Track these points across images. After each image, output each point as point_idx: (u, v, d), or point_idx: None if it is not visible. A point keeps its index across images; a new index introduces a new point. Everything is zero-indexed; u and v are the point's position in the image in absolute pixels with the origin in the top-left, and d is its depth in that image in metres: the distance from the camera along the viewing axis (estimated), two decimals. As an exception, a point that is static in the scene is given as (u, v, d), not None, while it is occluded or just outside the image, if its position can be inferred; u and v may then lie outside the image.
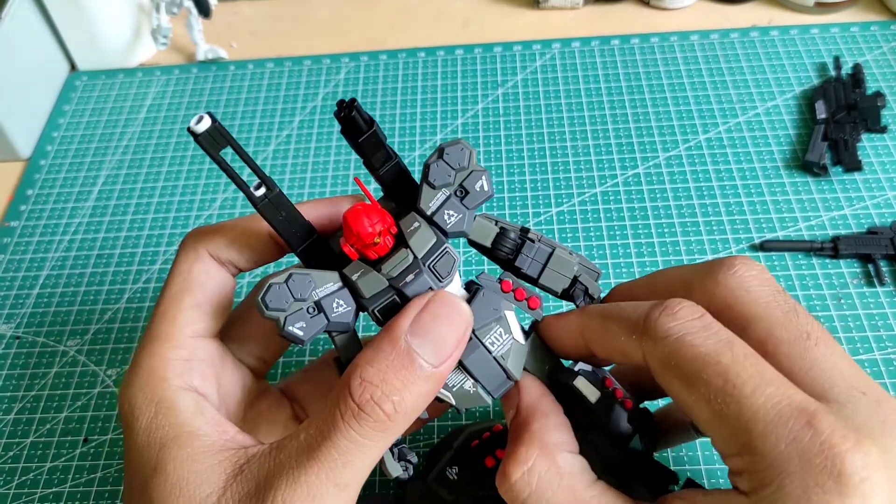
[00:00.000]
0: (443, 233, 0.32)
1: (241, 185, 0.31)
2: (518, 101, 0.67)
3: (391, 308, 0.31)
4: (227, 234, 0.36)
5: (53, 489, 0.48)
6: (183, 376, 0.33)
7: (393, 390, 0.30)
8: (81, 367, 0.53)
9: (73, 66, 0.75)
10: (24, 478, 0.49)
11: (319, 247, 0.33)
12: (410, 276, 0.31)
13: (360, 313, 0.32)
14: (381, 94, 0.69)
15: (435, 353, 0.31)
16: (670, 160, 0.61)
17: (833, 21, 0.70)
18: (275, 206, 0.31)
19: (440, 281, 0.32)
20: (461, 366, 0.33)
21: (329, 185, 0.62)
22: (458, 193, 0.32)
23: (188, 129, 0.30)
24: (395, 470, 0.34)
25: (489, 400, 0.33)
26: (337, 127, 0.66)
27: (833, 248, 0.54)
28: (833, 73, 0.65)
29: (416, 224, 0.32)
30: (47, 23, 0.71)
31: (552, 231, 0.58)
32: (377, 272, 0.31)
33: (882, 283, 0.53)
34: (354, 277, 0.31)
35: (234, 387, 0.37)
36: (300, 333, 0.30)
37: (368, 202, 0.32)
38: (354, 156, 0.64)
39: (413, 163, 0.63)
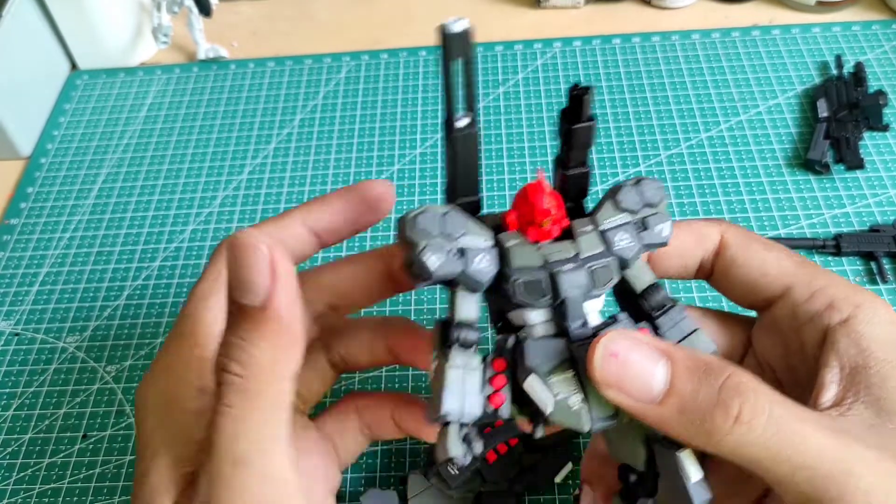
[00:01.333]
0: (607, 248, 0.31)
1: (451, 106, 0.29)
2: (519, 100, 0.67)
3: (535, 285, 0.30)
4: (275, 226, 0.34)
5: (52, 485, 0.48)
6: (202, 378, 0.32)
7: (235, 351, 0.28)
8: (80, 364, 0.53)
9: (73, 65, 0.75)
10: (22, 474, 0.48)
11: (475, 211, 0.32)
12: (569, 266, 0.30)
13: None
14: (383, 92, 0.69)
15: (241, 292, 0.28)
16: (672, 158, 0.61)
17: (834, 20, 0.70)
18: (466, 145, 0.30)
19: (594, 287, 0.30)
20: (579, 377, 0.30)
21: (330, 184, 0.62)
22: (638, 225, 0.32)
23: (442, 26, 0.28)
24: (455, 450, 0.30)
25: (587, 427, 0.29)
26: (337, 127, 0.66)
27: (835, 247, 0.54)
28: (835, 71, 0.65)
29: (589, 228, 0.31)
30: (48, 22, 0.71)
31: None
32: (532, 246, 0.30)
33: (885, 281, 0.53)
34: (509, 244, 0.30)
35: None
36: (432, 266, 0.29)
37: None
38: (355, 155, 0.64)
39: (414, 161, 0.63)
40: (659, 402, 0.28)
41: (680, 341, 0.32)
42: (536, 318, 0.31)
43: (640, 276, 0.32)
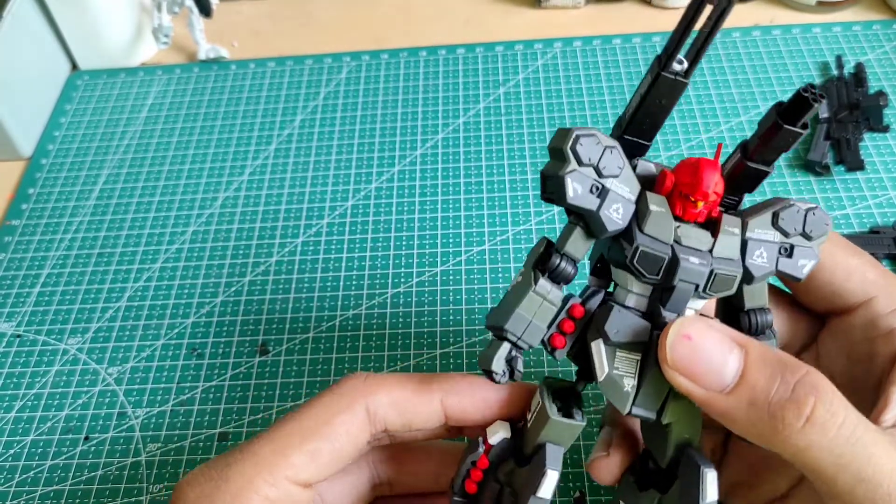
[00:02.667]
0: (743, 257, 0.30)
1: (675, 45, 0.28)
2: (520, 100, 0.67)
3: (654, 260, 0.29)
4: (396, 392, 0.33)
5: (54, 487, 0.48)
6: None
7: None
8: (82, 366, 0.53)
9: (74, 66, 0.75)
10: (24, 476, 0.48)
11: (638, 155, 0.31)
12: (696, 259, 0.29)
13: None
14: (383, 93, 0.69)
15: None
16: (672, 159, 0.61)
17: (835, 20, 0.70)
18: (670, 90, 0.29)
19: (707, 290, 0.29)
20: (643, 364, 0.30)
21: (330, 184, 0.62)
22: (783, 250, 0.30)
23: None
24: (498, 366, 0.31)
25: (626, 410, 0.30)
26: (338, 127, 0.66)
27: (835, 247, 0.54)
28: (835, 72, 0.65)
29: (735, 231, 0.30)
30: (49, 22, 0.71)
31: (554, 230, 0.58)
32: (672, 220, 0.29)
33: (884, 282, 0.53)
34: (652, 207, 0.29)
35: None
36: (569, 192, 0.28)
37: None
38: (356, 156, 0.64)
39: (414, 162, 0.63)
40: (728, 391, 0.28)
41: None
42: (636, 287, 0.30)
43: (754, 295, 0.31)
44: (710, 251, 0.29)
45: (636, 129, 0.30)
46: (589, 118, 0.65)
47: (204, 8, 0.72)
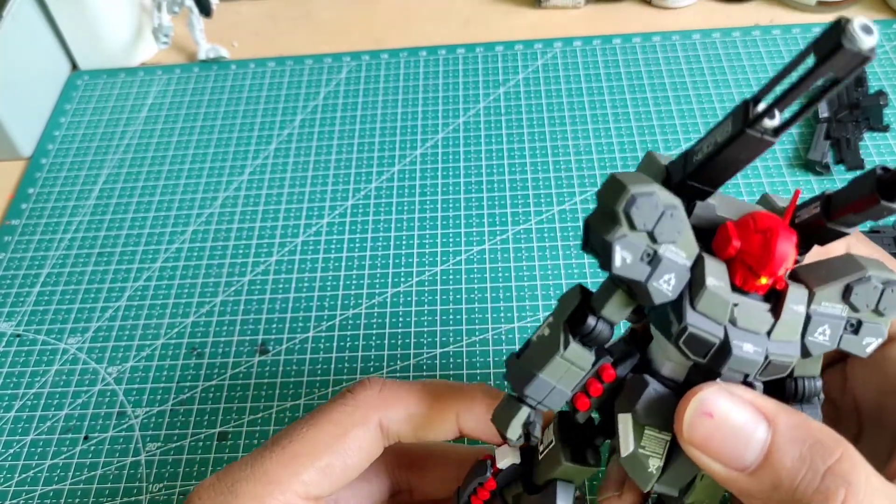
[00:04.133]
0: (803, 332, 0.26)
1: (773, 98, 0.24)
2: (520, 100, 0.67)
3: (702, 344, 0.25)
4: (411, 404, 0.33)
5: (54, 486, 0.48)
6: None
7: None
8: (82, 365, 0.53)
9: (74, 66, 0.75)
10: (24, 475, 0.48)
11: (689, 207, 0.26)
12: (750, 346, 0.25)
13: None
14: (383, 93, 0.69)
15: None
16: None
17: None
18: (751, 146, 0.24)
19: (757, 375, 0.26)
20: (672, 444, 0.27)
21: (330, 184, 0.62)
22: (849, 326, 0.26)
23: (843, 26, 0.22)
24: (514, 432, 0.29)
25: (646, 489, 0.28)
26: (338, 127, 0.66)
27: (836, 247, 0.54)
28: (835, 71, 0.65)
29: (800, 309, 0.26)
30: (49, 22, 0.71)
31: (554, 230, 0.57)
32: (729, 297, 0.25)
33: (885, 282, 0.52)
34: (709, 281, 0.25)
35: None
36: (616, 262, 0.24)
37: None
38: (356, 155, 0.64)
39: (415, 162, 0.63)
40: (751, 472, 0.25)
41: None
42: (676, 357, 0.27)
43: (806, 366, 0.28)
44: (769, 332, 0.25)
45: (703, 177, 0.26)
46: (589, 118, 0.65)
47: (204, 8, 0.72)
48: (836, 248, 0.29)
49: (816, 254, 0.27)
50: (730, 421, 0.25)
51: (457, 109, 0.67)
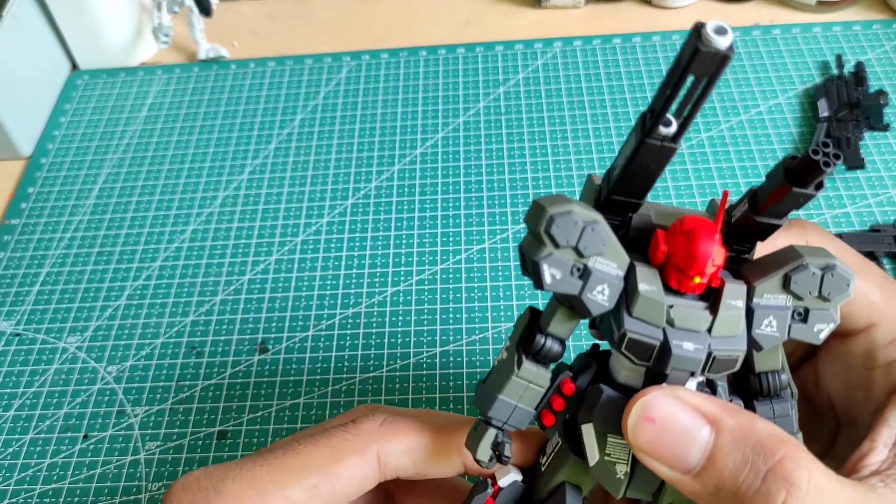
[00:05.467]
0: (748, 325, 0.27)
1: (661, 106, 0.24)
2: (520, 100, 0.67)
3: (643, 348, 0.26)
4: (412, 440, 0.32)
5: (53, 485, 0.48)
6: None
7: None
8: (81, 364, 0.53)
9: (74, 65, 0.75)
10: (23, 474, 0.48)
11: (629, 212, 0.28)
12: (690, 345, 0.26)
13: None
14: (383, 92, 0.69)
15: None
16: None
17: (835, 20, 0.70)
18: (656, 156, 0.25)
19: (706, 373, 0.26)
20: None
21: (330, 183, 0.62)
22: (796, 314, 0.27)
23: (700, 30, 0.22)
24: (483, 454, 0.29)
25: (618, 495, 0.28)
26: (338, 127, 0.66)
27: (836, 246, 0.54)
28: (835, 71, 0.65)
29: (739, 304, 0.26)
30: (49, 22, 0.71)
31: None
32: (664, 300, 0.26)
33: (885, 281, 0.52)
34: (641, 287, 0.26)
35: None
36: (546, 279, 0.25)
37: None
38: (356, 155, 0.64)
39: (414, 161, 0.63)
40: (695, 474, 0.26)
41: None
42: (628, 363, 0.28)
43: (766, 360, 0.29)
44: (710, 330, 0.26)
45: (624, 190, 0.27)
46: (589, 117, 0.65)
47: (204, 7, 0.72)
48: (784, 235, 0.30)
49: (765, 249, 0.28)
50: (673, 424, 0.25)
51: (457, 109, 0.67)
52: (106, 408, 0.51)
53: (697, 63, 0.23)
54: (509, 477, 0.32)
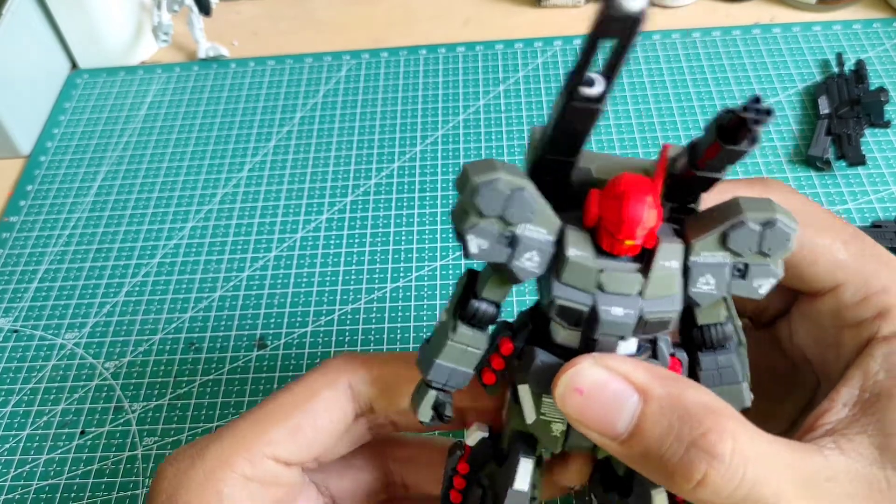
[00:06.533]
0: (684, 283, 0.26)
1: (579, 73, 0.23)
2: (520, 98, 0.67)
3: (571, 314, 0.26)
4: (376, 367, 0.32)
5: (50, 481, 0.48)
6: (238, 497, 0.30)
7: None
8: (79, 360, 0.53)
9: (73, 64, 0.74)
10: (20, 470, 0.48)
11: (561, 175, 0.27)
12: (619, 310, 0.25)
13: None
14: (383, 91, 0.69)
15: None
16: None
17: (835, 18, 0.70)
18: (582, 118, 0.24)
19: (639, 334, 0.26)
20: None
21: (330, 181, 0.62)
22: (736, 270, 0.26)
23: (612, 6, 0.21)
24: (424, 415, 0.30)
25: (557, 450, 0.30)
26: (338, 125, 0.66)
27: (837, 242, 0.54)
28: (836, 69, 0.65)
29: (673, 264, 0.26)
30: (48, 21, 0.71)
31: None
32: (593, 265, 0.25)
33: (887, 276, 0.52)
34: (570, 252, 0.25)
35: None
36: (472, 249, 0.26)
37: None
38: (355, 153, 0.64)
39: (414, 159, 0.63)
40: (622, 441, 0.26)
41: (716, 386, 0.28)
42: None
43: (708, 313, 0.29)
44: (642, 292, 0.26)
45: (556, 150, 0.26)
46: (589, 115, 0.65)
47: (203, 6, 0.72)
48: (745, 193, 0.29)
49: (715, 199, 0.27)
50: (600, 394, 0.26)
51: (457, 107, 0.67)
52: (103, 404, 0.51)
53: (609, 27, 0.22)
54: (477, 435, 0.32)
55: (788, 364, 0.34)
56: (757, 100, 0.23)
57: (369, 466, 0.36)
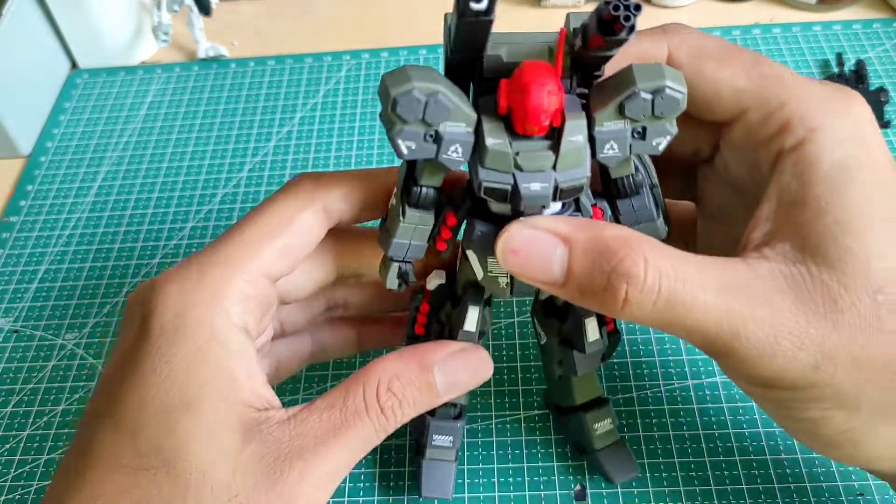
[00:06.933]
0: (592, 150, 0.30)
1: None
2: (520, 98, 0.67)
3: (497, 192, 0.30)
4: (347, 185, 0.36)
5: (49, 482, 0.47)
6: (243, 315, 0.33)
7: (409, 406, 0.34)
8: (79, 361, 0.53)
9: (73, 64, 0.74)
10: (20, 470, 0.48)
11: (474, 68, 0.30)
12: (536, 184, 0.29)
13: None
14: (383, 91, 0.69)
15: (450, 391, 0.35)
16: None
17: (835, 18, 0.70)
18: (475, 32, 0.28)
19: (558, 200, 0.30)
20: None
21: (330, 181, 0.62)
22: (635, 133, 0.30)
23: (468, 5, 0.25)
24: (391, 283, 0.36)
25: (506, 297, 0.35)
26: (338, 125, 0.66)
27: (837, 242, 0.54)
28: (836, 69, 0.65)
29: (579, 138, 0.29)
30: (48, 21, 0.71)
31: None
32: (510, 150, 0.29)
33: (887, 277, 0.52)
34: (487, 141, 0.29)
35: (268, 332, 0.39)
36: (403, 150, 0.29)
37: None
38: (356, 153, 0.64)
39: (414, 158, 0.63)
40: (561, 284, 0.31)
41: (634, 224, 0.34)
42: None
43: (619, 169, 0.33)
44: (554, 166, 0.29)
45: (462, 54, 0.29)
46: (589, 115, 0.65)
47: (203, 6, 0.72)
48: (655, 53, 0.34)
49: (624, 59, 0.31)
50: (532, 250, 0.30)
51: (457, 107, 0.67)
52: (104, 404, 0.51)
53: (473, 22, 0.26)
54: (435, 282, 0.38)
55: (736, 194, 0.36)
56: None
57: (323, 260, 0.40)
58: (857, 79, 0.63)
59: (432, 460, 0.42)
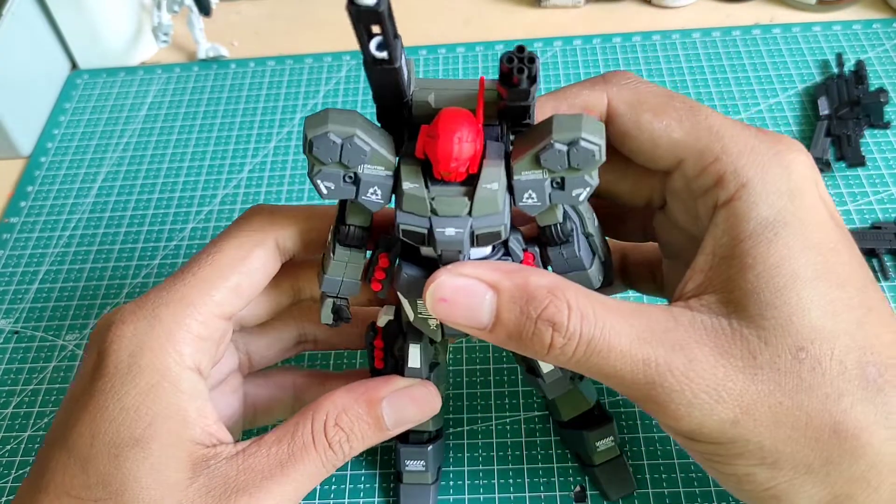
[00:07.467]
0: (511, 200, 0.31)
1: (361, 47, 0.27)
2: (520, 98, 0.67)
3: (415, 235, 0.30)
4: (299, 224, 0.36)
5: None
6: (195, 356, 0.33)
7: (357, 440, 0.35)
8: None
9: (74, 65, 0.74)
10: (21, 471, 0.48)
11: (401, 113, 0.31)
12: (451, 230, 0.30)
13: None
14: (383, 91, 0.69)
15: (398, 425, 0.36)
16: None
17: (835, 19, 0.70)
18: (379, 75, 0.28)
19: (476, 247, 0.31)
20: None
21: (330, 182, 0.62)
22: (555, 183, 0.30)
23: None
24: (325, 318, 0.36)
25: (438, 339, 0.36)
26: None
27: (837, 243, 0.54)
28: (835, 69, 0.65)
29: (494, 186, 0.29)
30: (48, 21, 0.71)
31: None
32: (426, 194, 0.30)
33: (887, 278, 0.52)
34: (405, 185, 0.30)
35: (223, 369, 0.39)
36: (324, 192, 0.30)
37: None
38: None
39: (414, 159, 0.63)
40: (490, 330, 0.31)
41: (566, 273, 0.34)
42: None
43: (545, 217, 0.33)
44: (469, 213, 0.30)
45: (384, 100, 0.30)
46: (589, 116, 0.65)
47: (203, 7, 0.72)
48: (594, 103, 0.34)
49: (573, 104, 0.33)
50: (460, 299, 0.30)
51: (457, 108, 0.67)
52: (104, 405, 0.51)
53: (358, 18, 0.26)
54: (385, 318, 0.39)
55: (691, 240, 0.37)
56: (521, 49, 0.27)
57: (284, 326, 0.42)
58: (856, 79, 0.63)
59: (408, 485, 0.43)
